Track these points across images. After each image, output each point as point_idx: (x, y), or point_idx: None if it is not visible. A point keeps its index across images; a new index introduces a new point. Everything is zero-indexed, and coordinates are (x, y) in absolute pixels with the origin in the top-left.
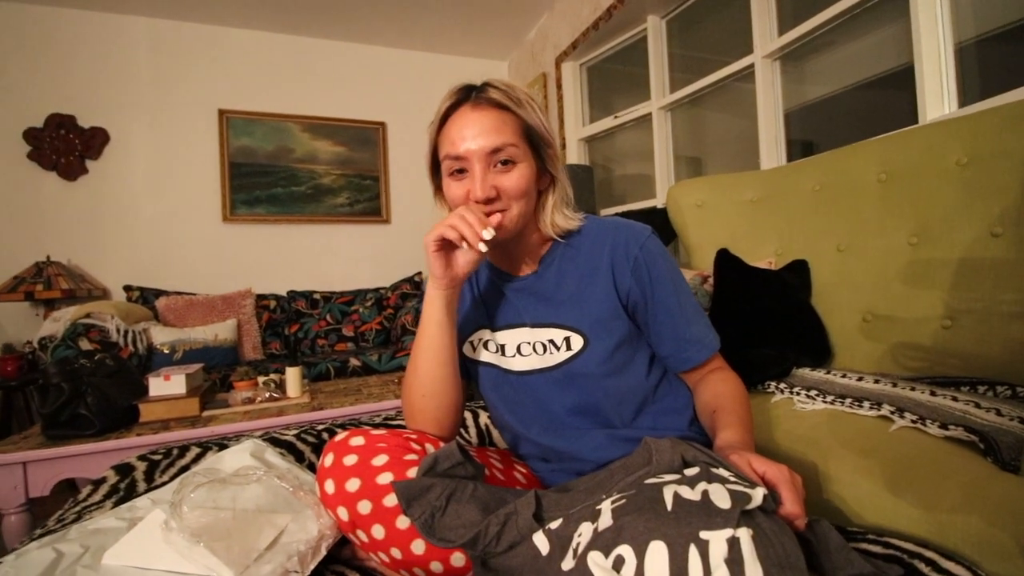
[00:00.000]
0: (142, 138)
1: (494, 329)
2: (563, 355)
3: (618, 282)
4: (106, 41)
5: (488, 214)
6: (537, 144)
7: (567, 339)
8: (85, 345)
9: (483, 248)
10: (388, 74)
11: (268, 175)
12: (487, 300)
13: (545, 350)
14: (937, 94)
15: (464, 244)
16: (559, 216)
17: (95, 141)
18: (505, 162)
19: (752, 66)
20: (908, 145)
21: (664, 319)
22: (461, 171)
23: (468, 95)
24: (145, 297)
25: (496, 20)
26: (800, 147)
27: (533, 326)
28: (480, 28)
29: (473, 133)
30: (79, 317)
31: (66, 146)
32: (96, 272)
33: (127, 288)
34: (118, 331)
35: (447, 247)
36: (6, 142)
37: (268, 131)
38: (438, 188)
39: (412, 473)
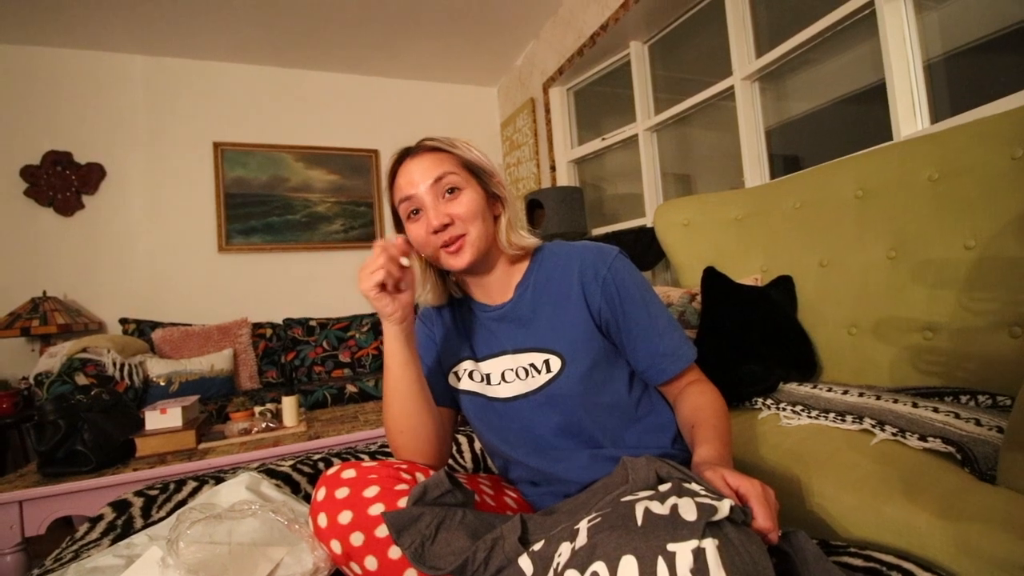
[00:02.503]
0: (138, 172)
1: (478, 359)
2: (544, 378)
3: (590, 302)
4: (101, 79)
5: (449, 242)
6: (478, 173)
7: (546, 362)
8: (81, 380)
9: (405, 262)
10: (380, 102)
11: (263, 205)
12: (468, 332)
13: (527, 374)
14: (909, 111)
15: (391, 284)
16: (514, 235)
17: (91, 177)
18: (451, 190)
19: (732, 87)
20: (883, 162)
21: (637, 334)
22: (416, 211)
23: (407, 153)
24: (141, 329)
25: (484, 48)
26: (784, 162)
27: (514, 352)
28: (469, 56)
29: (417, 174)
30: (75, 352)
31: (62, 182)
32: (93, 306)
33: (123, 321)
34: (114, 365)
35: (383, 288)
36: (3, 180)
37: (262, 162)
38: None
39: (403, 503)
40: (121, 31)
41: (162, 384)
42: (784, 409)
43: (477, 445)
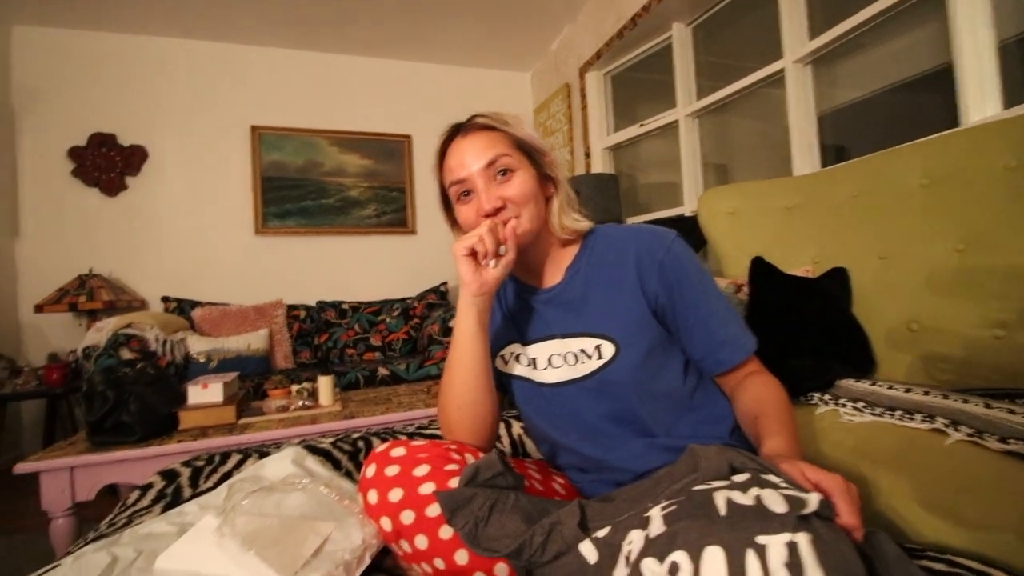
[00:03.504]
0: (179, 155)
1: (524, 343)
2: (595, 364)
3: (645, 287)
4: (145, 63)
5: (502, 222)
6: (531, 153)
7: (598, 347)
8: (126, 354)
9: (502, 250)
10: (413, 88)
11: (298, 188)
12: (515, 315)
13: (576, 360)
14: (979, 95)
15: (484, 260)
16: (567, 218)
17: (134, 158)
18: (504, 172)
19: (782, 71)
20: (951, 149)
21: (695, 321)
22: (467, 193)
23: (458, 129)
24: (181, 308)
25: (519, 32)
26: (833, 152)
27: (563, 336)
28: (503, 40)
29: (469, 156)
30: (120, 327)
31: (107, 163)
32: (135, 284)
33: (165, 299)
34: (157, 341)
35: (475, 256)
36: (52, 160)
37: (298, 146)
38: (454, 222)
39: (454, 483)
40: (163, 15)
41: (202, 361)
42: (844, 405)
43: (516, 430)
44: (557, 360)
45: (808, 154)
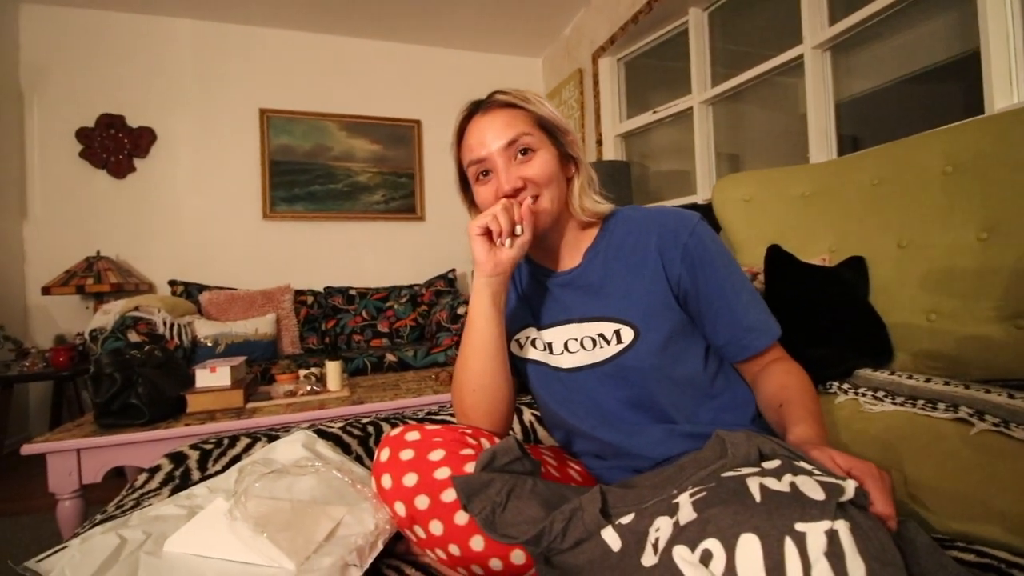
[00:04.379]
0: (187, 137)
1: (540, 327)
2: (613, 348)
3: (668, 270)
4: (153, 43)
5: (520, 203)
6: (553, 132)
7: (617, 332)
8: (134, 337)
9: (518, 230)
10: (423, 72)
11: (306, 173)
12: (531, 298)
13: (594, 345)
14: (1006, 80)
15: (499, 240)
16: (587, 200)
17: (143, 140)
18: (524, 151)
19: (800, 57)
20: (977, 135)
21: (719, 306)
22: (486, 173)
23: (478, 107)
24: (189, 291)
25: (531, 16)
26: (850, 143)
27: (580, 320)
28: (515, 25)
29: (489, 135)
30: (128, 310)
31: (115, 145)
32: (143, 267)
33: (172, 283)
34: (164, 324)
35: (489, 236)
36: (60, 141)
37: (307, 129)
38: (471, 203)
39: (469, 468)
40: None
41: (209, 345)
42: (864, 394)
43: (527, 417)
44: (573, 345)
45: (825, 142)
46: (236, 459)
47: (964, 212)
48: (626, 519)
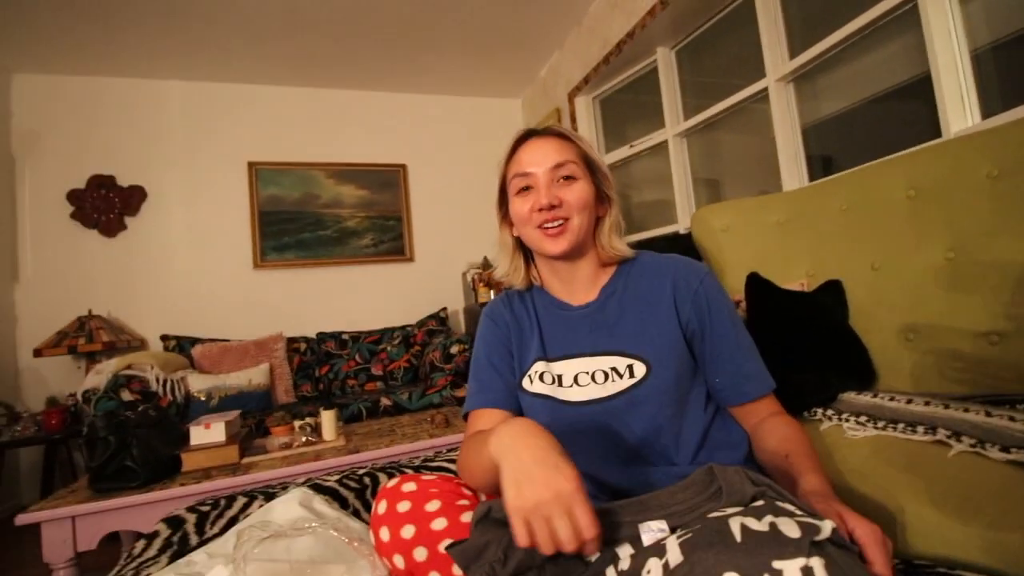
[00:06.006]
0: (177, 194)
1: (550, 360)
2: (626, 382)
3: (680, 311)
4: (141, 104)
5: (551, 221)
6: (594, 170)
7: (630, 367)
8: (127, 396)
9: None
10: (407, 118)
11: (296, 221)
12: (544, 330)
13: (606, 378)
14: (958, 104)
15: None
16: (615, 239)
17: (133, 199)
18: (567, 177)
19: (765, 89)
20: (935, 160)
21: (723, 350)
22: (527, 188)
23: (534, 131)
24: (181, 345)
25: (508, 60)
26: (820, 163)
27: (593, 354)
28: (493, 69)
29: (539, 155)
30: (121, 369)
31: (106, 205)
32: (135, 323)
33: (164, 337)
34: (158, 381)
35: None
36: (51, 204)
37: (295, 180)
38: (504, 216)
39: (465, 518)
40: (158, 58)
41: (203, 399)
42: (847, 420)
43: None
44: (584, 378)
45: (795, 167)
46: (234, 520)
47: (930, 234)
48: (624, 564)
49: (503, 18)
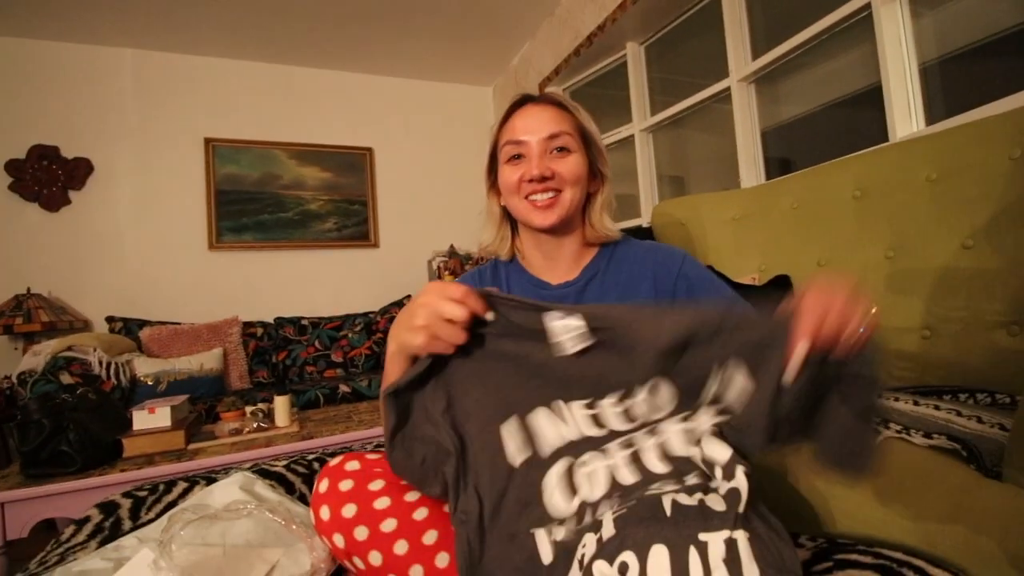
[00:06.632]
0: (127, 168)
1: None
2: None
3: (660, 294)
4: (90, 72)
5: (540, 192)
6: (590, 144)
7: None
8: (66, 379)
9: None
10: (374, 100)
11: (255, 202)
12: None
13: None
14: (905, 113)
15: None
16: (606, 219)
17: (78, 172)
18: (561, 149)
19: (728, 89)
20: (880, 163)
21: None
22: (518, 156)
23: (531, 97)
24: (128, 328)
25: (480, 47)
26: (778, 164)
27: None
28: (464, 55)
29: (534, 122)
30: (60, 350)
31: (49, 177)
32: (78, 304)
33: (110, 319)
34: (100, 364)
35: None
36: None
37: (255, 158)
38: (492, 184)
39: (410, 497)
40: (111, 24)
41: (150, 384)
42: None
43: None
44: None
45: (753, 167)
46: (172, 505)
47: (872, 232)
48: (560, 535)
49: (477, 3)
